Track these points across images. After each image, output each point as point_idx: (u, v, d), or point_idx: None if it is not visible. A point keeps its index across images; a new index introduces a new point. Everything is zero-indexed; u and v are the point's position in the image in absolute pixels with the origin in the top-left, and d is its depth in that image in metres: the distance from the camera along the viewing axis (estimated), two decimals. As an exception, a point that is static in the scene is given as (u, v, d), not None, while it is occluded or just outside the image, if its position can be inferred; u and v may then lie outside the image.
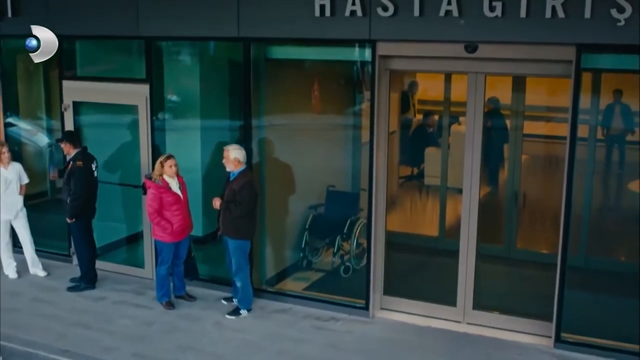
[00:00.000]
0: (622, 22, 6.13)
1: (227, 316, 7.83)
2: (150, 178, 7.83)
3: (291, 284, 8.61)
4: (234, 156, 7.60)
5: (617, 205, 7.75)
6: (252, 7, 7.64)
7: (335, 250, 8.57)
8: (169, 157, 7.80)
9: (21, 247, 8.99)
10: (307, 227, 8.65)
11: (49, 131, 9.89)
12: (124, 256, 9.46)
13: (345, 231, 8.48)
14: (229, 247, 7.79)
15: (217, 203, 7.64)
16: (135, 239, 9.27)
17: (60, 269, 9.22)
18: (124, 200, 9.25)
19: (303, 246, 8.66)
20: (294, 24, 7.46)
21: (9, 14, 8.93)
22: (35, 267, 9.02)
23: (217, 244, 8.23)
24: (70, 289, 8.62)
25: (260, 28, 7.64)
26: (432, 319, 7.68)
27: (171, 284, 8.20)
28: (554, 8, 6.34)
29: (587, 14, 6.24)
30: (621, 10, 6.11)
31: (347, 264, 8.55)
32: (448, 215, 8.29)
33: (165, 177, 7.76)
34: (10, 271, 8.97)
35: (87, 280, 8.62)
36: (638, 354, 6.73)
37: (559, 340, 7.04)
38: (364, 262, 8.21)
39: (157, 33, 8.23)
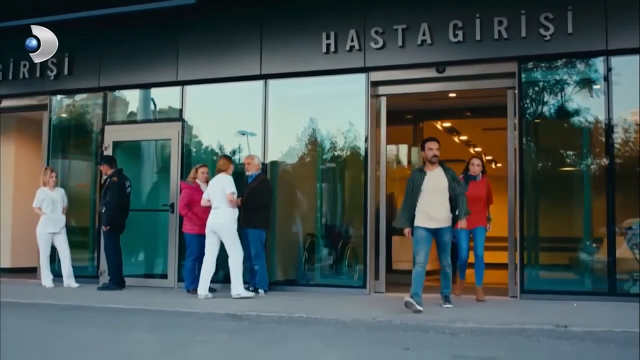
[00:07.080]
0: (548, 38, 8.67)
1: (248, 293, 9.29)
2: (185, 181, 9.62)
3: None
4: (258, 161, 9.58)
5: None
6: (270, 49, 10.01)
7: (332, 262, 10.28)
8: (203, 165, 9.66)
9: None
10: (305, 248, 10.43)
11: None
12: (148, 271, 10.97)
13: (338, 249, 10.26)
14: (248, 237, 9.42)
15: (238, 202, 9.38)
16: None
17: (90, 283, 10.48)
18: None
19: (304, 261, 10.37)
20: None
21: (65, 72, 11.01)
22: (70, 279, 10.30)
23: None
24: (100, 288, 9.96)
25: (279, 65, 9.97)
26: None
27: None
28: (499, 32, 8.86)
29: (523, 34, 8.78)
30: (546, 29, 8.66)
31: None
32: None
33: (198, 180, 9.56)
34: (48, 282, 10.25)
35: (115, 282, 9.96)
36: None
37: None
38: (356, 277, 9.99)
39: (193, 77, 10.42)
